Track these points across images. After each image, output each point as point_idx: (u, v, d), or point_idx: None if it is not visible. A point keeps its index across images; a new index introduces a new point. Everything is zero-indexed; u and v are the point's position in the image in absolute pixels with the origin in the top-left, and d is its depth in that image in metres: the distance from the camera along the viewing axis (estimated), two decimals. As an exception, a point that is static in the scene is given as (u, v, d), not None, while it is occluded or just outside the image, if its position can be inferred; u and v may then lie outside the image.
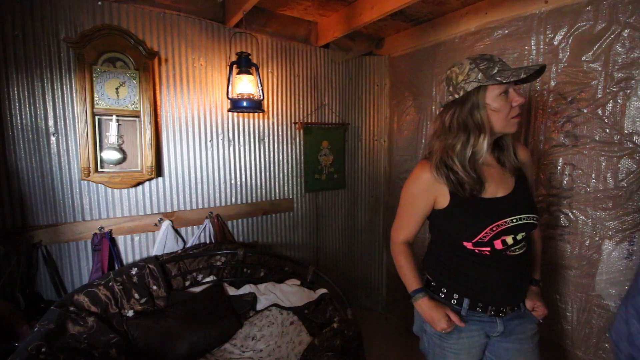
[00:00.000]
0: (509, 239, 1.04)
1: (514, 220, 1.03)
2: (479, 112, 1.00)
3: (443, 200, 1.08)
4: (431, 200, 1.11)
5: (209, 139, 2.06)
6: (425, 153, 1.20)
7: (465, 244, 1.06)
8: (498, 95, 0.99)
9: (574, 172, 1.56)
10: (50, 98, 1.60)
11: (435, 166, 1.06)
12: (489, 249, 1.04)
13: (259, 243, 2.31)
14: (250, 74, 1.96)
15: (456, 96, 1.03)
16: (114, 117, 1.70)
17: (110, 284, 1.58)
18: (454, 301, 1.11)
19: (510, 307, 1.10)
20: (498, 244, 1.04)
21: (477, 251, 1.06)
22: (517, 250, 1.07)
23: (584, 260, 1.54)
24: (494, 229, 1.02)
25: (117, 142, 1.72)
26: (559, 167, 1.61)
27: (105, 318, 1.50)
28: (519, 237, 1.05)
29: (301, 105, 2.42)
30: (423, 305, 1.11)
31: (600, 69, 1.46)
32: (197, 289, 1.79)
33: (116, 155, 1.71)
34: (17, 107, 1.54)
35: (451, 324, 1.08)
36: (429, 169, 1.07)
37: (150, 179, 1.86)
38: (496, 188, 1.08)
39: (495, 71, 0.98)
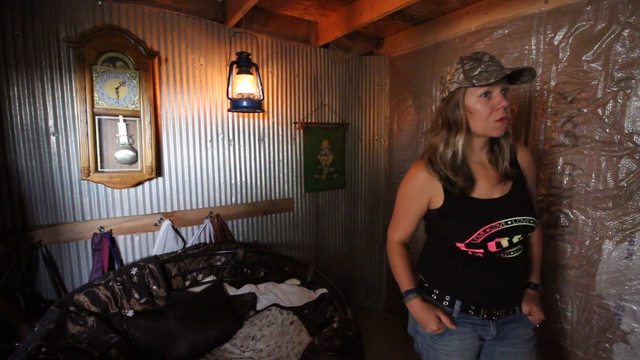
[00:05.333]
0: (504, 242, 1.02)
1: (509, 222, 1.02)
2: (458, 111, 1.02)
3: (438, 200, 1.08)
4: (426, 199, 1.10)
5: (209, 138, 2.06)
6: (420, 153, 1.20)
7: (458, 245, 1.05)
8: (478, 97, 0.98)
9: (574, 172, 1.56)
10: (50, 98, 1.60)
11: (428, 162, 1.07)
12: (482, 250, 1.03)
13: (259, 243, 2.31)
14: (250, 73, 1.96)
15: (444, 95, 1.06)
16: (121, 117, 1.71)
17: (110, 283, 1.58)
18: (445, 303, 1.10)
19: (504, 311, 1.09)
20: (492, 246, 1.02)
21: (470, 253, 1.05)
22: (512, 253, 1.05)
23: (584, 260, 1.53)
24: (487, 230, 1.01)
25: (128, 141, 1.75)
26: (559, 167, 1.61)
27: (105, 318, 1.50)
28: (515, 239, 1.03)
29: (301, 105, 2.42)
30: (414, 306, 1.11)
31: (600, 68, 1.45)
32: (197, 289, 1.79)
33: (130, 155, 1.75)
34: (17, 107, 1.54)
35: (442, 326, 1.06)
36: (424, 168, 1.08)
37: (150, 179, 1.86)
38: (491, 189, 1.06)
39: (476, 72, 0.97)
